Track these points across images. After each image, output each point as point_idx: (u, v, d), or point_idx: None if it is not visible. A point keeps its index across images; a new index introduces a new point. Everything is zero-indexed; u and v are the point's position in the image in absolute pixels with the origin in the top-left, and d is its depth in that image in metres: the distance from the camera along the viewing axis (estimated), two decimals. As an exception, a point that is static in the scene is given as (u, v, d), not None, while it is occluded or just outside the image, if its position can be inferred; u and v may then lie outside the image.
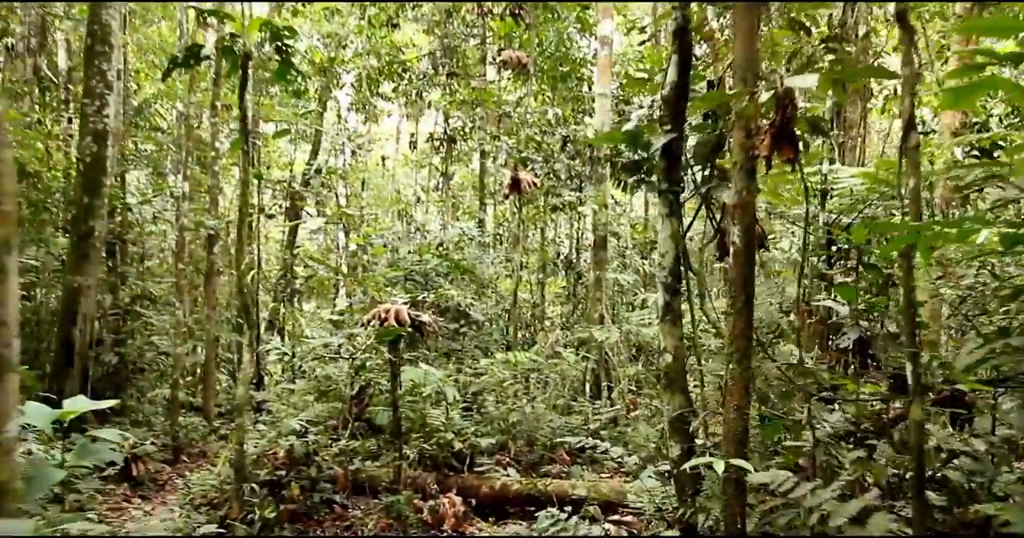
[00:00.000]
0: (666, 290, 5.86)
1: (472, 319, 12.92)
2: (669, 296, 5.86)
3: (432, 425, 8.85)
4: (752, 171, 4.32)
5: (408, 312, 7.43)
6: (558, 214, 16.57)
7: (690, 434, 5.88)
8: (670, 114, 5.79)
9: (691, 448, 5.82)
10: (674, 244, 5.85)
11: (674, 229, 5.85)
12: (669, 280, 5.85)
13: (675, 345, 5.86)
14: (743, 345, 4.30)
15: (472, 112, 13.10)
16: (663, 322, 5.88)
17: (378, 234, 14.53)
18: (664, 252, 5.86)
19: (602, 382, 12.26)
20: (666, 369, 5.88)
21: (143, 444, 11.20)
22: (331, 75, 17.66)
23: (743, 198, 4.32)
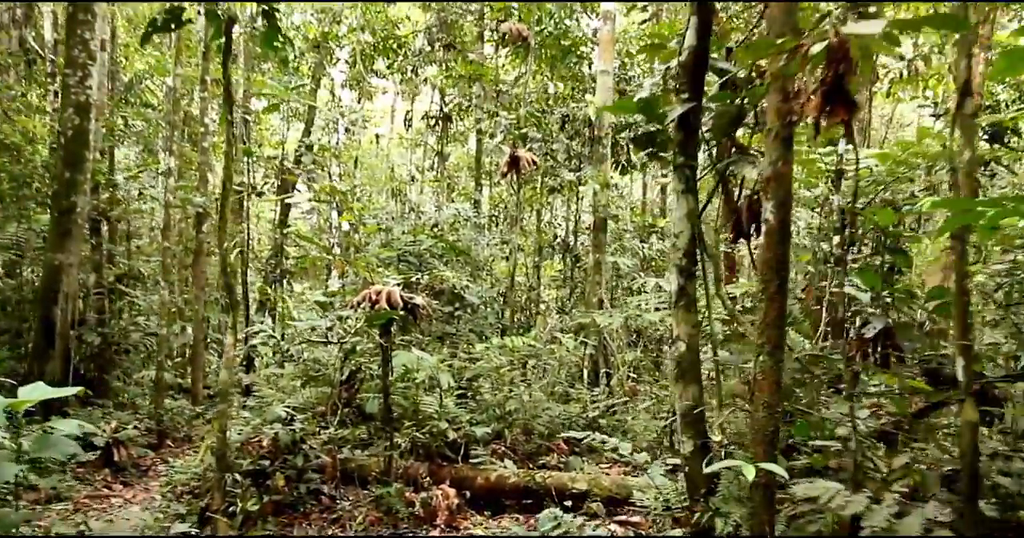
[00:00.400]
0: (680, 273, 5.34)
1: (467, 302, 12.39)
2: (684, 280, 5.35)
3: (425, 412, 8.34)
4: (789, 139, 3.79)
5: (401, 294, 6.90)
6: (555, 196, 16.03)
7: (704, 429, 5.39)
8: (687, 82, 5.26)
9: (705, 444, 5.33)
10: (690, 224, 5.33)
11: (690, 207, 5.33)
12: (684, 262, 5.34)
13: (689, 333, 5.36)
14: (775, 335, 3.80)
15: (469, 88, 12.50)
16: (676, 308, 5.38)
17: (371, 214, 13.98)
18: (679, 232, 5.34)
19: (600, 368, 11.76)
20: (678, 358, 5.38)
21: (125, 428, 10.69)
22: (325, 51, 17.02)
23: (778, 170, 3.79)
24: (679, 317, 5.35)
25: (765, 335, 3.83)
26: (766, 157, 3.84)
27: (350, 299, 7.18)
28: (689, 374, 5.35)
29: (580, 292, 14.73)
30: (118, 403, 12.62)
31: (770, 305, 3.81)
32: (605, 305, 11.91)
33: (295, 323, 6.94)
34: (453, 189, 18.41)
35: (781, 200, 3.79)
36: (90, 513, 8.63)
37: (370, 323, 6.85)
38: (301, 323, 6.95)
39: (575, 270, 14.80)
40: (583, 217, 15.51)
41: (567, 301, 14.98)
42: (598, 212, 11.49)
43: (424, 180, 18.93)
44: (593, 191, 11.24)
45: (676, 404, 5.44)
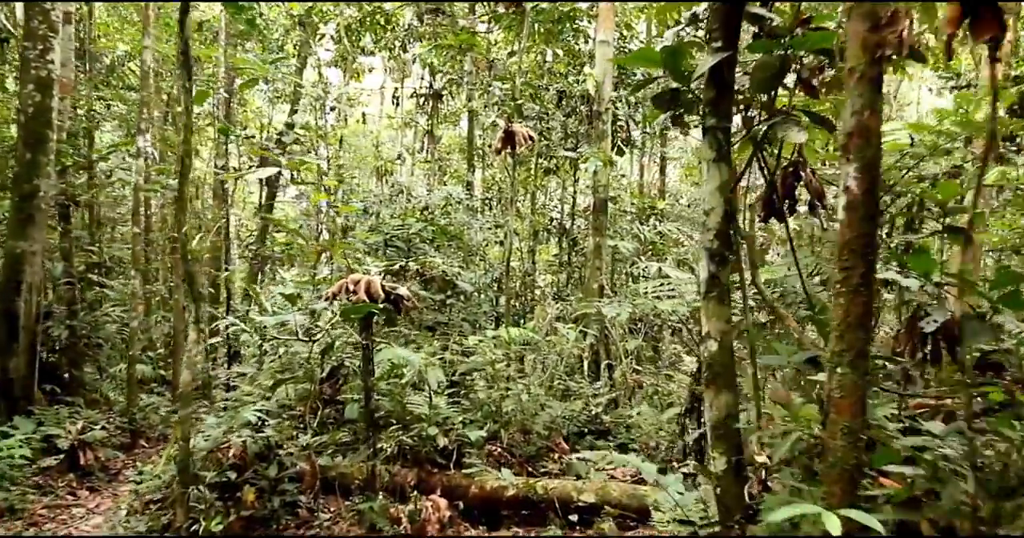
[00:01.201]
0: (711, 258, 4.36)
1: (460, 289, 11.40)
2: (715, 266, 4.37)
3: (413, 413, 7.36)
4: (878, 80, 2.81)
5: (382, 284, 5.90)
6: (551, 177, 14.99)
7: (739, 443, 4.42)
8: (719, 29, 4.26)
9: (739, 462, 4.37)
10: (722, 199, 4.34)
11: (723, 179, 4.34)
12: (715, 245, 4.35)
13: (722, 329, 4.38)
14: (858, 340, 2.83)
15: (460, 60, 11.44)
16: (707, 299, 4.40)
17: (359, 198, 12.95)
18: (709, 209, 4.35)
19: (602, 359, 10.79)
20: (710, 360, 4.41)
21: (93, 428, 9.71)
22: (310, 27, 15.90)
23: (863, 122, 2.81)
24: (710, 310, 4.38)
25: (845, 340, 2.85)
26: (847, 105, 2.85)
27: (325, 290, 6.17)
28: (722, 379, 4.39)
29: (578, 277, 13.74)
30: (90, 400, 11.62)
31: (852, 300, 2.83)
32: (606, 291, 10.93)
33: (261, 318, 5.95)
34: (445, 171, 17.37)
35: (868, 161, 2.81)
36: (46, 527, 7.67)
37: (345, 317, 5.85)
38: (268, 318, 5.96)
39: (572, 254, 13.79)
40: (581, 199, 14.49)
41: (564, 287, 13.98)
42: (598, 193, 10.48)
43: (415, 163, 17.90)
44: (593, 170, 10.23)
45: (706, 413, 4.47)
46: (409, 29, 13.99)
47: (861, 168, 2.82)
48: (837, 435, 2.89)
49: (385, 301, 6.04)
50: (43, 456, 9.14)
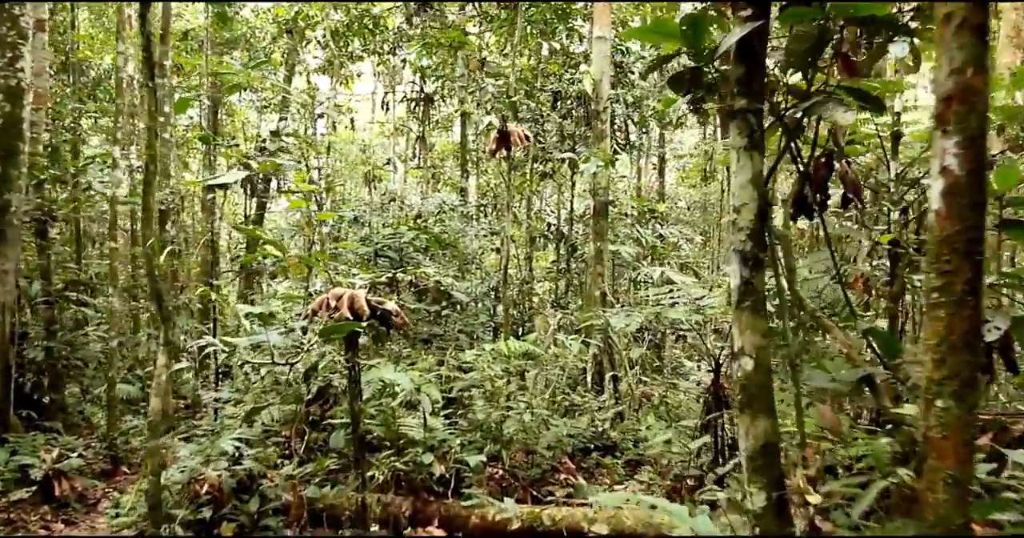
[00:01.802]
0: (744, 262, 3.69)
1: (455, 300, 10.72)
2: (749, 271, 3.69)
3: (407, 437, 6.66)
4: (983, 29, 2.13)
5: (367, 298, 5.22)
6: (547, 183, 14.31)
7: (779, 475, 3.74)
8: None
9: (782, 499, 3.69)
10: (756, 193, 3.67)
11: (756, 170, 3.67)
12: (749, 247, 3.68)
13: (758, 345, 3.70)
14: (963, 366, 2.15)
15: (450, 62, 10.77)
16: (740, 310, 3.72)
17: (348, 207, 12.27)
18: (741, 205, 3.68)
19: (606, 371, 10.10)
20: (744, 381, 3.73)
21: (69, 456, 8.99)
22: (297, 35, 15.25)
23: (965, 81, 2.14)
24: (744, 322, 3.70)
25: (948, 365, 2.18)
26: (944, 63, 2.18)
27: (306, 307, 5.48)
28: (759, 402, 3.71)
29: (578, 284, 13.07)
30: (70, 424, 10.90)
31: (955, 313, 2.16)
32: (608, 298, 10.25)
33: (234, 340, 5.28)
34: (438, 179, 16.69)
35: (972, 133, 2.14)
36: (11, 568, 6.95)
37: (324, 337, 5.15)
38: (241, 339, 5.27)
39: (571, 260, 13.11)
40: (578, 203, 13.81)
41: (563, 294, 13.29)
42: (598, 195, 9.81)
43: (408, 170, 17.23)
44: (593, 172, 9.56)
45: (741, 442, 3.79)
46: (398, 32, 13.33)
47: (963, 142, 2.15)
48: (938, 486, 2.21)
49: (372, 317, 5.35)
50: (15, 488, 8.42)
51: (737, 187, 3.69)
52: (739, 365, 3.76)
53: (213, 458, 6.11)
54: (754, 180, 3.66)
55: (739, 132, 3.66)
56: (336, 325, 4.89)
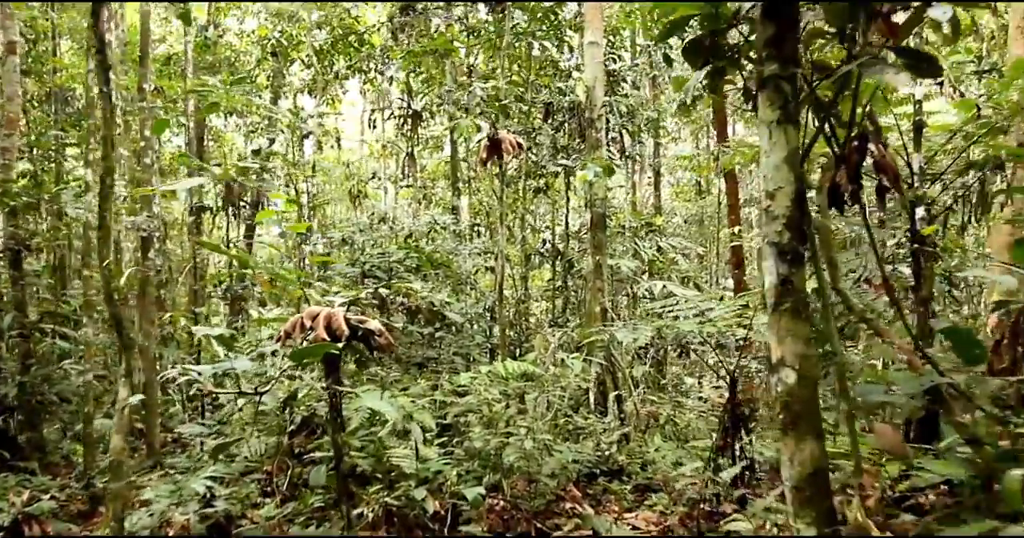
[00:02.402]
0: (781, 257, 3.08)
1: (449, 321, 10.07)
2: (788, 267, 3.08)
3: (398, 468, 5.99)
4: None
5: (347, 317, 4.58)
6: (540, 199, 13.73)
7: (831, 507, 3.11)
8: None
9: (837, 533, 3.05)
10: (792, 175, 3.06)
11: (791, 147, 3.07)
12: (786, 239, 3.07)
13: (801, 353, 3.09)
14: None
15: (438, 75, 10.19)
16: (778, 313, 3.10)
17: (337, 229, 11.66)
18: (775, 189, 3.08)
19: (609, 390, 9.44)
20: (786, 396, 3.11)
21: (41, 498, 8.29)
22: (283, 56, 14.72)
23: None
24: (783, 328, 3.08)
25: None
26: None
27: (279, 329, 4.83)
28: (805, 422, 3.08)
29: (576, 302, 12.45)
30: (48, 463, 10.20)
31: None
32: (609, 314, 9.62)
33: (196, 368, 4.64)
34: (430, 200, 16.10)
35: None
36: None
37: (298, 362, 4.49)
38: (204, 367, 4.62)
39: (568, 277, 12.49)
40: (574, 218, 13.22)
41: (561, 313, 12.65)
42: (595, 207, 9.21)
43: (398, 191, 16.65)
44: (590, 183, 8.97)
45: (784, 469, 3.15)
46: (384, 49, 12.79)
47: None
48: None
49: (352, 338, 4.71)
50: (-19, 535, 7.73)
51: (770, 168, 3.08)
52: (779, 378, 3.13)
53: (184, 499, 5.43)
54: (789, 159, 3.06)
55: (770, 103, 3.06)
56: (309, 347, 4.26)
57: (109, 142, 5.09)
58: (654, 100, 13.17)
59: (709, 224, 17.59)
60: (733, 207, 12.27)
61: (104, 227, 5.15)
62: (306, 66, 13.79)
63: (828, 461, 3.15)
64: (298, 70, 15.01)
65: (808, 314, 3.12)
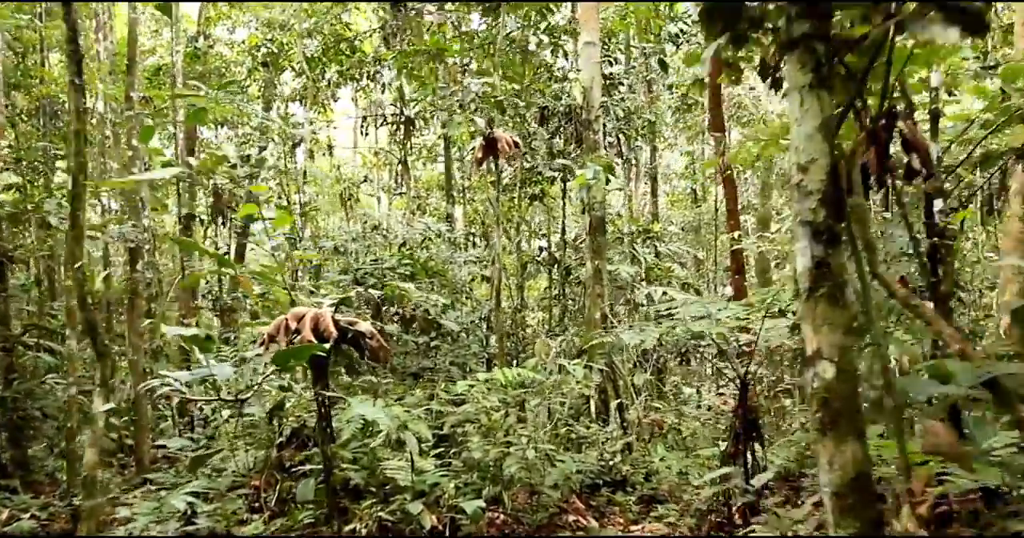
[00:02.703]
0: (816, 236, 2.74)
1: (445, 329, 9.71)
2: (823, 248, 2.75)
3: (393, 481, 5.60)
4: None
5: (335, 318, 4.22)
6: (536, 207, 13.38)
7: (877, 515, 2.76)
8: None
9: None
10: (826, 144, 2.73)
11: (825, 115, 2.74)
12: (821, 216, 2.73)
13: (840, 344, 2.75)
14: None
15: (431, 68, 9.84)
16: (812, 299, 2.77)
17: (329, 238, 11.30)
18: (807, 161, 2.74)
19: (610, 398, 9.07)
20: (824, 392, 2.76)
21: (20, 518, 7.87)
22: (273, 67, 14.39)
23: None
24: (818, 316, 2.74)
25: None
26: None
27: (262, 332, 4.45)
28: (846, 421, 2.74)
29: (574, 310, 12.09)
30: (31, 482, 9.76)
31: None
32: (609, 320, 9.26)
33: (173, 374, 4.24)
34: (424, 210, 15.75)
35: None
36: None
37: (282, 365, 4.10)
38: (181, 373, 4.23)
39: (566, 285, 12.12)
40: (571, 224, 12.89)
41: (559, 322, 12.28)
42: (594, 210, 8.88)
43: (392, 203, 16.30)
44: (588, 186, 8.64)
45: (822, 474, 2.80)
46: (376, 58, 12.47)
47: None
48: None
49: (342, 341, 4.34)
50: (-45, 556, 7.32)
51: (801, 138, 2.74)
52: (815, 373, 2.78)
53: (165, 517, 5.04)
54: (823, 128, 2.72)
55: (801, 66, 2.72)
56: (293, 349, 3.88)
57: (81, 137, 4.74)
58: (650, 105, 12.90)
59: (706, 232, 17.29)
60: (732, 212, 11.96)
61: (77, 227, 4.79)
62: (297, 74, 13.46)
63: (871, 465, 2.79)
64: (289, 78, 14.69)
65: (846, 301, 2.77)
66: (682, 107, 15.63)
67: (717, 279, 16.32)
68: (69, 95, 4.84)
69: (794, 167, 2.77)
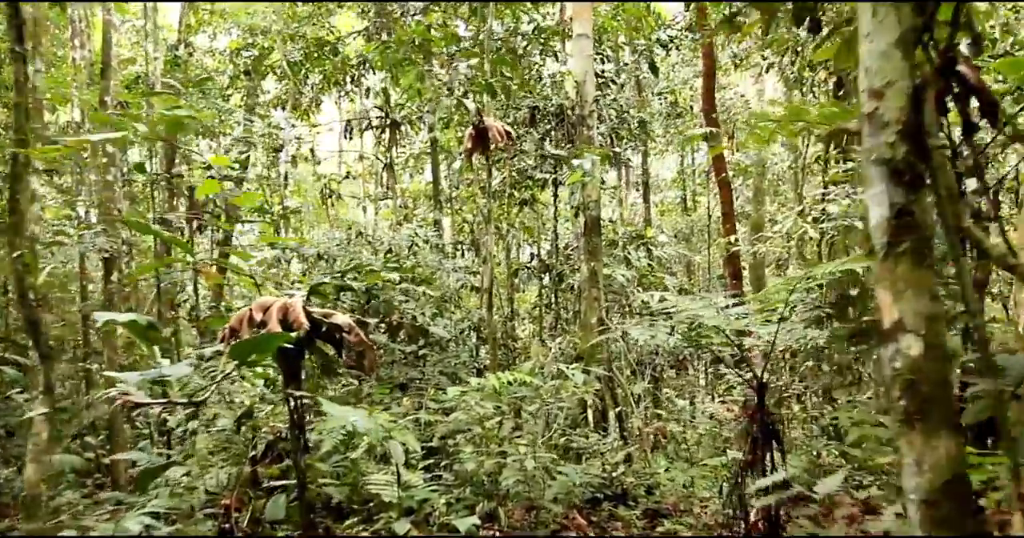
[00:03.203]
0: (895, 177, 2.17)
1: (434, 337, 9.09)
2: (905, 194, 2.17)
3: (377, 497, 4.97)
4: None
5: (307, 308, 3.61)
6: (526, 212, 12.82)
7: (980, 530, 2.16)
8: None
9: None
10: (907, 66, 2.16)
11: (905, 27, 2.17)
12: (901, 153, 2.16)
13: (926, 313, 2.17)
14: None
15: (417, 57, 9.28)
16: (891, 257, 2.19)
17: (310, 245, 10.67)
18: (883, 85, 2.18)
19: (608, 406, 8.47)
20: (908, 373, 2.18)
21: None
22: (256, 73, 13.82)
23: None
24: (898, 279, 2.17)
25: None
26: None
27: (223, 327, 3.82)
28: (937, 408, 2.17)
29: (567, 318, 11.50)
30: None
31: None
32: (606, 324, 8.67)
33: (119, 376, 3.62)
34: (410, 220, 15.14)
35: None
36: None
37: (241, 359, 3.44)
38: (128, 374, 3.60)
39: (558, 292, 11.54)
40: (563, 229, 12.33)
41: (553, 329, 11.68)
42: (589, 209, 8.31)
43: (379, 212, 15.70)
44: (581, 185, 8.10)
45: (907, 477, 2.22)
46: (361, 60, 11.93)
47: None
48: None
49: (316, 334, 3.73)
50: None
51: (875, 57, 2.18)
52: (896, 350, 2.19)
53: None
54: (902, 43, 2.15)
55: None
56: (255, 339, 3.26)
57: (22, 111, 4.13)
58: (641, 107, 12.42)
59: (697, 240, 16.79)
60: (728, 215, 11.46)
61: (17, 212, 4.17)
62: (279, 78, 12.90)
63: (966, 463, 2.21)
64: (272, 85, 14.12)
65: (932, 259, 2.19)
66: (672, 113, 15.19)
67: (710, 286, 15.78)
68: (13, 66, 4.24)
69: (865, 94, 2.20)
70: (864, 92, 2.21)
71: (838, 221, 8.96)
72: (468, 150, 6.65)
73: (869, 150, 2.19)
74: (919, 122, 2.17)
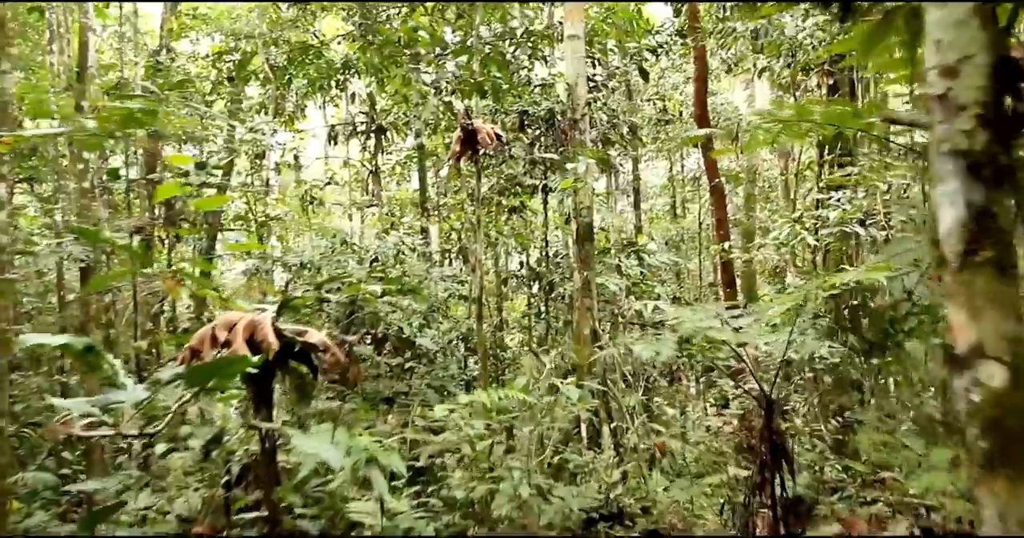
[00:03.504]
0: (972, 172, 1.77)
1: (421, 349, 8.67)
2: (985, 191, 1.77)
3: (359, 527, 4.56)
4: None
5: (277, 326, 3.20)
6: (515, 220, 12.41)
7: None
8: None
9: None
10: (986, 36, 1.77)
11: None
12: (980, 143, 1.76)
13: (1010, 336, 1.75)
14: None
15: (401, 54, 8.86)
16: (967, 269, 1.79)
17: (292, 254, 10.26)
18: (956, 60, 1.79)
19: (602, 421, 8.07)
20: (990, 408, 1.77)
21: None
22: (239, 78, 13.40)
23: None
24: (976, 294, 1.77)
25: None
26: None
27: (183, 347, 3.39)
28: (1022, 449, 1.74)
29: (561, 325, 11.10)
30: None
31: None
32: (600, 335, 8.29)
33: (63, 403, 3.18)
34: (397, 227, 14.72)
35: None
36: None
37: (199, 385, 2.98)
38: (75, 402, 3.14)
39: (549, 301, 11.14)
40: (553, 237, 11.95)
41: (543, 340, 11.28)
42: (582, 216, 7.92)
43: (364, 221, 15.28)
44: (574, 191, 7.72)
45: (988, 528, 1.80)
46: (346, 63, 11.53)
47: None
48: None
49: (288, 355, 3.32)
50: None
51: (946, 28, 1.80)
52: (973, 380, 1.80)
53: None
54: (980, 11, 1.77)
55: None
56: (216, 362, 2.85)
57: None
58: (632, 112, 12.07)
59: (687, 248, 16.43)
60: (721, 221, 11.11)
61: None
62: (262, 84, 12.48)
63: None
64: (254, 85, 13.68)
65: (1018, 271, 1.81)
66: (662, 120, 14.87)
67: (702, 295, 15.42)
68: None
69: (934, 71, 1.82)
70: (932, 70, 1.83)
71: (835, 228, 8.64)
72: (456, 153, 6.28)
73: (940, 140, 1.81)
74: (999, 103, 1.79)
